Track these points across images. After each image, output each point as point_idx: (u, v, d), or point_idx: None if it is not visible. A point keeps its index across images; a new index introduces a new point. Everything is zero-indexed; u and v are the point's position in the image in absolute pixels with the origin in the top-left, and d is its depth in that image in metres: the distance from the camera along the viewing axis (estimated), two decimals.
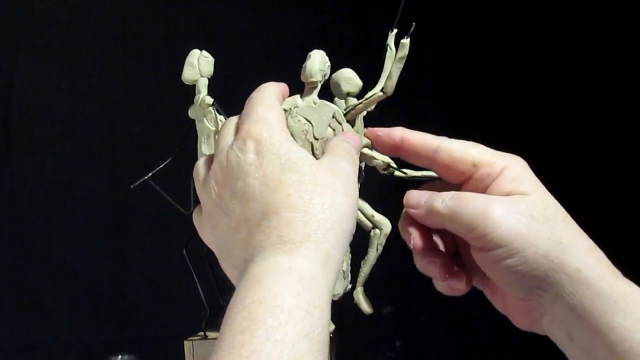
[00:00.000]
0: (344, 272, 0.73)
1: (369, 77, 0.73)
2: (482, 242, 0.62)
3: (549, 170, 1.96)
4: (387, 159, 0.71)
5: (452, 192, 0.64)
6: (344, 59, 0.74)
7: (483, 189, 0.65)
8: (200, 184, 0.65)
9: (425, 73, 1.66)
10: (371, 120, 0.74)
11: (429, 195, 0.66)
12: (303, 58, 0.72)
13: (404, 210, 0.67)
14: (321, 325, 0.54)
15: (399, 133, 0.68)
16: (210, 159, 0.65)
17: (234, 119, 0.66)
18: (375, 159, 0.71)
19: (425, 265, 0.66)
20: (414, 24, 0.69)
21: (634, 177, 1.72)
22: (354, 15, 1.74)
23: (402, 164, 0.71)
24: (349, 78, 0.72)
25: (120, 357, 1.32)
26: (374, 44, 1.60)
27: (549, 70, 1.74)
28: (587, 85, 1.73)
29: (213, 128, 0.75)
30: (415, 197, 0.67)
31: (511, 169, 0.65)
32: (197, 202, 0.82)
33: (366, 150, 0.71)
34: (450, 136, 0.67)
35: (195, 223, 0.67)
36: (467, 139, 0.67)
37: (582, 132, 1.73)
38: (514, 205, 0.62)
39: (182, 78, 0.76)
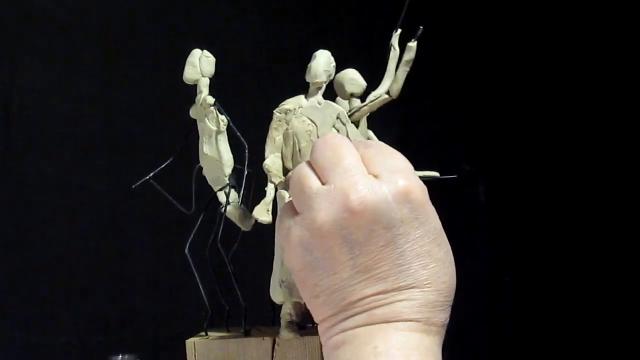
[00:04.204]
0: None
1: (371, 78, 0.73)
2: None
3: (549, 170, 1.95)
4: None
5: None
6: (344, 59, 0.74)
7: None
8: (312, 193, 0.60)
9: (425, 73, 1.66)
10: (371, 120, 0.74)
11: None
12: (303, 58, 0.72)
13: None
14: None
15: None
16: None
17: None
18: None
19: None
20: (421, 27, 0.69)
21: (634, 177, 1.72)
22: (355, 15, 1.74)
23: None
24: (352, 79, 0.72)
25: (120, 357, 1.31)
26: (376, 44, 1.60)
27: (548, 71, 1.74)
28: (587, 85, 1.73)
29: (214, 128, 0.75)
30: None
31: None
32: (198, 202, 0.82)
33: None
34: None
35: (282, 223, 0.62)
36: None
37: (582, 132, 1.73)
38: None
39: (184, 78, 0.76)
